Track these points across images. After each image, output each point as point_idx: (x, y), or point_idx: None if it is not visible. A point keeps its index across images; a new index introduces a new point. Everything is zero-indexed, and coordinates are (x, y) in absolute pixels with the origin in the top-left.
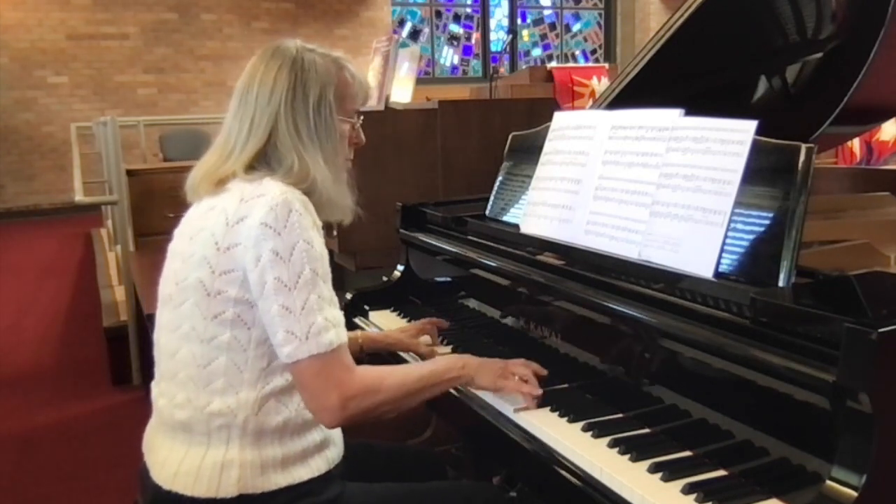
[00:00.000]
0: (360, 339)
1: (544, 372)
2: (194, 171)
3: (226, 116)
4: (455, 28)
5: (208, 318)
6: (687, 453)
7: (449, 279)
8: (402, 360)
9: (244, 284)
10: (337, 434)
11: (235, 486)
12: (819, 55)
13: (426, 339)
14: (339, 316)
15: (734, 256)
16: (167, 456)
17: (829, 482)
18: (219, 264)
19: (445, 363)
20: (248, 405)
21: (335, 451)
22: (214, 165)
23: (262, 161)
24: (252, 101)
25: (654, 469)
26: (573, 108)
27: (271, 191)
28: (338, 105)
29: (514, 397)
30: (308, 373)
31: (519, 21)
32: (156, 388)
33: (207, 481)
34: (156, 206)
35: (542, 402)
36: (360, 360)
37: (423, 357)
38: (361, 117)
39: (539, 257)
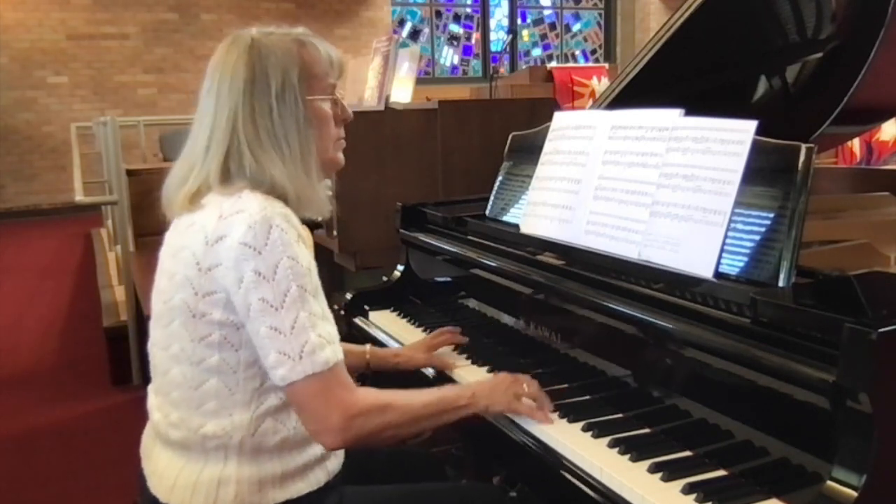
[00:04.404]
0: (368, 354)
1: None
2: (166, 184)
3: (193, 122)
4: (455, 28)
5: (195, 341)
6: (687, 453)
7: (449, 279)
8: (410, 381)
9: (228, 306)
10: None
11: (232, 503)
12: (819, 55)
13: (445, 350)
14: (334, 332)
15: (734, 256)
16: (165, 468)
17: (829, 482)
18: (201, 286)
19: (455, 391)
20: (242, 426)
21: (336, 462)
22: (182, 178)
23: (233, 168)
24: (212, 100)
25: (654, 469)
26: (573, 108)
27: (249, 206)
28: (307, 86)
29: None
30: (305, 394)
31: (519, 21)
32: (151, 396)
33: (204, 497)
34: (156, 206)
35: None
36: (365, 376)
37: (442, 370)
38: (343, 92)
39: (539, 257)
